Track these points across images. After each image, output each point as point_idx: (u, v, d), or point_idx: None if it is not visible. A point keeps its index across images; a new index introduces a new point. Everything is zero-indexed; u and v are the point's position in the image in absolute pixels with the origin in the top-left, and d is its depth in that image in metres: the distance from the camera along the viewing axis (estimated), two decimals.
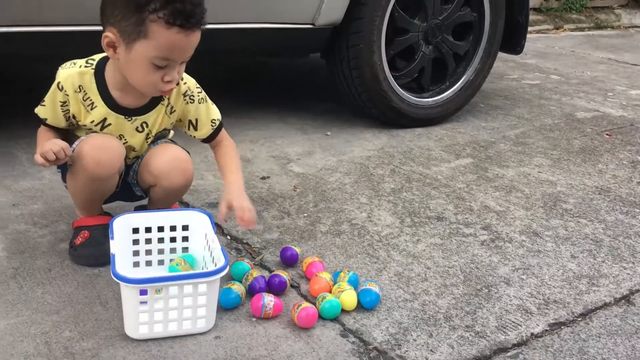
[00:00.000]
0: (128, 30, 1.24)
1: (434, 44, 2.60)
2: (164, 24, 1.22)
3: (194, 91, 1.46)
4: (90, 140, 1.38)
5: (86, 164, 1.35)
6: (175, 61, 1.29)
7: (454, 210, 1.91)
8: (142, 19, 1.22)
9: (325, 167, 2.18)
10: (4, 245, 1.51)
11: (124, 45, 1.27)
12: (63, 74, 1.38)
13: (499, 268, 1.59)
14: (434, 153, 2.39)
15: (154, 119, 1.44)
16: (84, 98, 1.38)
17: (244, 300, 1.36)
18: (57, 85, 1.37)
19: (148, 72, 1.28)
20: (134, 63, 1.28)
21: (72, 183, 1.43)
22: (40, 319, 1.25)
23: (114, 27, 1.26)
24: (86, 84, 1.37)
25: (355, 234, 1.72)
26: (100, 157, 1.35)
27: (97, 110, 1.39)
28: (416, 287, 1.49)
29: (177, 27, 1.23)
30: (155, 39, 1.24)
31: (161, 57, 1.26)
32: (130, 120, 1.41)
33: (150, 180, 1.48)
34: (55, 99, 1.39)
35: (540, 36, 5.43)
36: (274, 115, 2.67)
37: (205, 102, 1.49)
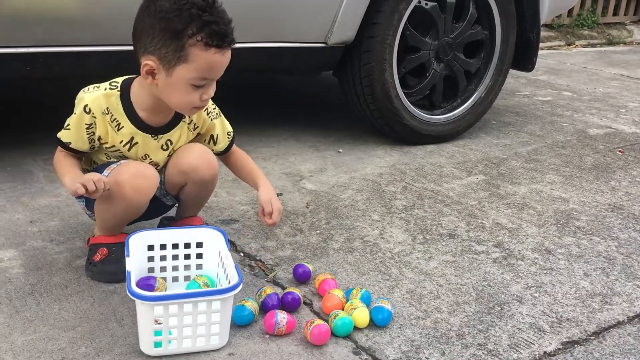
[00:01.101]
0: (168, 57, 1.29)
1: (445, 62, 2.62)
2: (202, 47, 1.28)
3: (211, 109, 1.54)
4: (126, 169, 1.41)
5: (125, 193, 1.38)
6: (212, 80, 1.36)
7: (466, 228, 1.91)
8: (182, 44, 1.28)
9: (337, 184, 2.19)
10: (21, 262, 1.54)
11: (165, 71, 1.32)
12: (89, 97, 1.41)
13: (512, 286, 1.59)
14: (446, 170, 2.40)
15: (178, 136, 1.50)
16: (111, 119, 1.42)
17: (257, 317, 1.37)
18: (84, 108, 1.40)
19: (187, 93, 1.34)
20: (175, 86, 1.33)
21: (104, 209, 1.45)
22: (57, 335, 1.27)
23: (153, 55, 1.30)
24: (112, 105, 1.42)
25: (367, 251, 1.73)
26: (139, 185, 1.39)
27: (125, 131, 1.43)
28: (428, 304, 1.49)
29: (214, 48, 1.29)
30: (195, 62, 1.29)
31: (201, 77, 1.32)
32: (156, 138, 1.47)
33: (180, 180, 1.52)
34: (81, 122, 1.41)
35: (552, 52, 5.44)
36: (286, 133, 2.70)
37: (220, 117, 1.57)
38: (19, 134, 2.42)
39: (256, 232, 1.79)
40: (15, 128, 2.53)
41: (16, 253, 1.58)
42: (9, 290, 1.42)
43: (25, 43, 1.85)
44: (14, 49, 1.85)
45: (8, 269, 1.50)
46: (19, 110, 2.83)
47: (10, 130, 2.50)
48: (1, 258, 1.55)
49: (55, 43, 1.89)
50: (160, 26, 1.28)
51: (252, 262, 1.64)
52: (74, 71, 1.98)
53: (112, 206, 1.42)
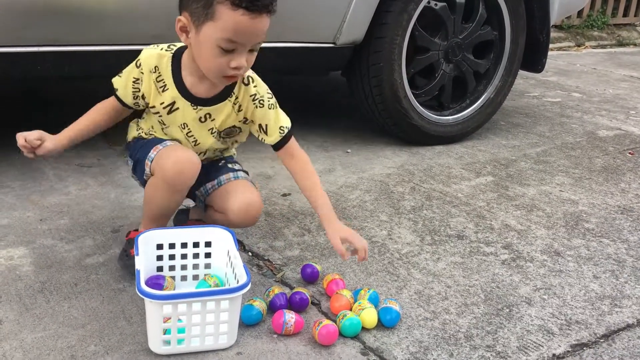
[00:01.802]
0: (197, 13, 1.28)
1: (454, 63, 2.61)
2: (230, 5, 1.25)
3: (264, 95, 1.48)
4: (169, 152, 1.42)
5: (168, 177, 1.39)
6: (243, 45, 1.30)
7: (475, 229, 1.91)
8: (211, 1, 1.26)
9: (345, 184, 2.19)
10: (31, 260, 1.55)
11: (194, 28, 1.31)
12: (144, 53, 1.44)
13: (520, 288, 1.59)
14: (454, 171, 2.39)
15: (220, 112, 1.46)
16: (157, 79, 1.43)
17: (265, 317, 1.37)
18: (136, 62, 1.44)
19: (215, 55, 1.30)
20: (202, 46, 1.31)
21: (150, 193, 1.46)
22: (67, 333, 1.28)
23: (186, 10, 1.31)
24: (163, 66, 1.43)
25: (375, 251, 1.73)
26: (181, 169, 1.39)
27: (168, 93, 1.44)
28: (436, 305, 1.49)
29: (242, 9, 1.25)
30: (222, 20, 1.26)
31: (227, 38, 1.28)
32: (195, 108, 1.45)
33: (219, 213, 1.53)
34: (130, 75, 1.45)
35: (562, 53, 5.42)
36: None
37: (275, 109, 1.50)
38: None
39: (264, 232, 1.79)
40: (25, 127, 2.54)
41: (26, 251, 1.59)
42: (19, 287, 1.43)
43: (34, 42, 1.86)
44: (24, 48, 1.86)
45: (18, 267, 1.51)
46: (29, 109, 2.85)
47: (21, 128, 2.51)
48: (11, 256, 1.56)
49: (65, 42, 1.90)
50: None
51: (260, 261, 1.64)
52: (83, 71, 1.99)
53: (157, 192, 1.43)
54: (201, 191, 1.58)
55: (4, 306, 1.35)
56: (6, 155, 2.19)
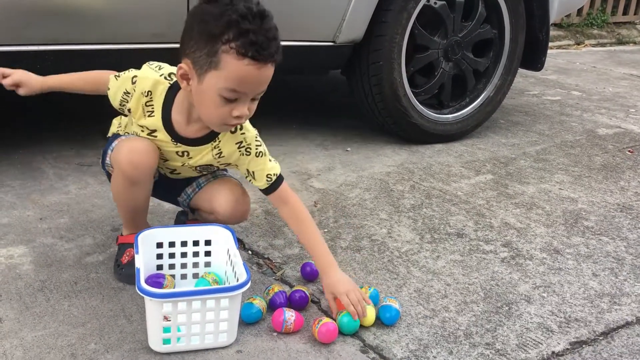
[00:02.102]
0: (201, 61, 1.24)
1: (454, 61, 2.61)
2: (235, 55, 1.20)
3: (251, 143, 1.43)
4: (125, 144, 1.40)
5: (123, 169, 1.37)
6: (246, 94, 1.27)
7: (474, 227, 1.91)
8: (215, 49, 1.21)
9: (345, 182, 2.19)
10: (31, 258, 1.55)
11: (197, 77, 1.26)
12: (144, 73, 1.40)
13: (520, 285, 1.59)
14: (454, 169, 2.40)
15: (197, 153, 1.44)
16: (147, 103, 1.40)
17: (265, 315, 1.37)
18: (133, 77, 1.39)
19: (217, 105, 1.27)
20: (205, 95, 1.27)
21: (114, 187, 1.46)
22: (67, 331, 1.28)
23: (188, 58, 1.26)
24: (157, 94, 1.39)
25: (375, 249, 1.73)
26: (135, 159, 1.37)
27: (152, 121, 1.40)
28: (436, 303, 1.49)
29: (248, 59, 1.21)
30: (226, 69, 1.22)
31: (230, 88, 1.24)
32: (175, 144, 1.42)
33: (207, 213, 1.54)
34: (123, 85, 1.41)
35: (561, 52, 5.42)
36: (293, 131, 2.70)
37: (264, 157, 1.44)
38: (29, 132, 2.44)
39: (264, 230, 1.80)
40: (26, 126, 2.55)
41: (26, 250, 1.59)
42: (19, 286, 1.43)
43: (35, 41, 1.86)
44: (25, 47, 1.86)
45: (18, 266, 1.52)
46: (29, 108, 2.85)
47: (21, 128, 2.52)
48: (11, 254, 1.56)
49: (65, 41, 1.90)
50: (199, 28, 1.24)
51: (260, 260, 1.64)
52: (83, 69, 1.99)
53: (118, 186, 1.42)
54: (182, 197, 1.58)
55: (4, 305, 1.36)
56: (6, 155, 2.20)
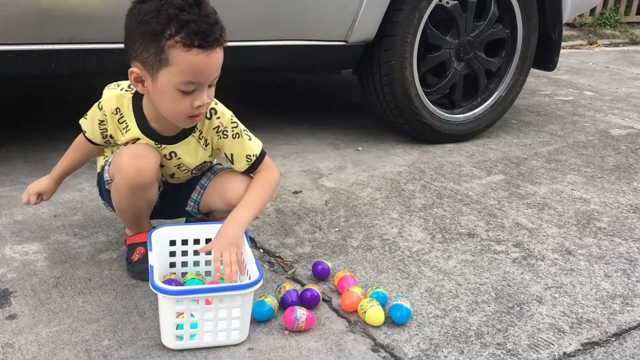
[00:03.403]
0: (150, 61, 1.24)
1: (466, 61, 2.61)
2: (182, 47, 1.21)
3: (227, 126, 1.44)
4: (125, 151, 1.39)
5: (126, 175, 1.36)
6: (202, 84, 1.27)
7: (485, 227, 1.91)
8: (162, 46, 1.21)
9: (356, 182, 2.20)
10: (46, 255, 1.57)
11: (150, 77, 1.27)
12: (105, 95, 1.42)
13: (531, 286, 1.59)
14: (465, 169, 2.39)
15: (184, 150, 1.44)
16: (119, 120, 1.42)
17: (277, 313, 1.38)
18: (98, 105, 1.43)
19: (176, 100, 1.27)
20: (162, 93, 1.28)
21: (116, 198, 1.45)
22: (81, 327, 1.29)
23: (137, 60, 1.26)
24: (124, 107, 1.40)
25: (386, 249, 1.73)
26: (139, 165, 1.36)
27: (131, 134, 1.41)
28: (447, 303, 1.49)
29: (196, 49, 1.21)
30: (177, 64, 1.22)
31: (186, 81, 1.24)
32: (159, 147, 1.42)
33: (223, 209, 1.50)
34: (94, 117, 1.44)
35: (574, 52, 5.39)
36: (305, 131, 2.71)
37: (240, 137, 1.46)
38: (43, 130, 2.46)
39: (276, 229, 1.80)
40: (41, 124, 2.58)
41: (41, 246, 1.61)
42: (34, 282, 1.45)
43: (49, 40, 1.88)
44: (39, 46, 1.88)
45: (33, 262, 1.53)
46: (44, 107, 2.88)
47: (36, 126, 2.55)
48: (26, 251, 1.58)
49: (79, 40, 1.91)
50: (140, 30, 1.23)
51: (272, 258, 1.65)
52: (97, 69, 2.01)
53: (121, 193, 1.41)
54: (190, 205, 1.57)
55: (19, 301, 1.37)
56: (21, 152, 2.22)
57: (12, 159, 2.17)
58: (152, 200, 1.47)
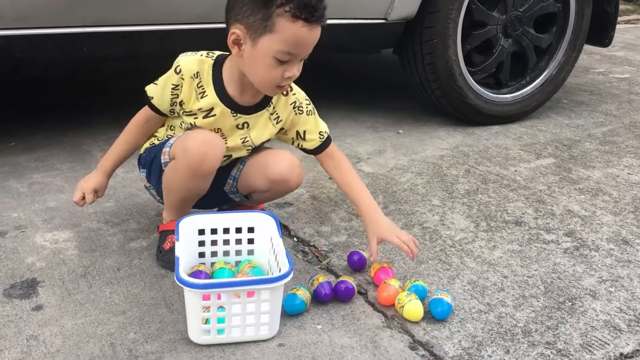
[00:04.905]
0: (255, 26, 1.26)
1: (513, 37, 2.47)
2: (290, 18, 1.24)
3: (302, 102, 1.47)
4: (195, 135, 1.38)
5: (191, 160, 1.34)
6: (297, 56, 1.29)
7: (534, 215, 1.79)
8: (269, 13, 1.24)
9: (396, 166, 2.10)
10: (76, 243, 1.54)
11: (250, 41, 1.28)
12: (184, 60, 1.40)
13: (584, 279, 1.47)
14: (513, 152, 2.27)
15: (256, 121, 1.44)
16: (197, 85, 1.40)
17: (309, 307, 1.31)
18: (175, 68, 1.40)
19: (271, 67, 1.29)
20: (258, 58, 1.29)
21: (170, 178, 1.41)
22: (107, 320, 1.26)
23: (241, 23, 1.28)
24: (204, 72, 1.40)
25: (426, 238, 1.64)
26: (207, 151, 1.35)
27: (206, 100, 1.40)
28: (492, 297, 1.39)
29: (302, 21, 1.24)
30: (281, 33, 1.25)
31: (285, 51, 1.27)
32: (234, 115, 1.42)
33: (264, 187, 1.49)
34: (168, 81, 1.41)
35: (629, 27, 5.11)
36: (343, 113, 2.62)
37: (314, 115, 1.49)
38: (78, 115, 2.45)
39: (310, 217, 1.73)
40: (75, 109, 2.56)
41: (71, 234, 1.58)
42: (63, 272, 1.42)
43: (80, 23, 1.84)
44: (70, 29, 1.84)
45: (63, 250, 1.51)
46: (80, 92, 2.87)
47: (70, 111, 2.54)
48: (57, 239, 1.56)
49: (110, 23, 1.87)
50: None
51: (306, 247, 1.58)
52: (127, 52, 1.97)
53: (178, 175, 1.38)
54: (229, 183, 1.52)
55: (47, 291, 1.34)
56: (57, 138, 2.21)
57: (48, 145, 2.16)
58: (205, 190, 1.43)
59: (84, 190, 1.51)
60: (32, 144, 2.17)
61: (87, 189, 1.51)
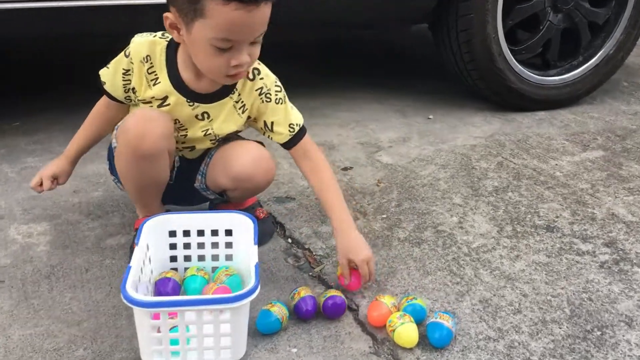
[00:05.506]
0: (185, 9, 1.09)
1: (564, 12, 2.19)
2: (219, 0, 1.05)
3: (271, 89, 1.28)
4: (135, 112, 1.24)
5: (130, 138, 1.20)
6: (240, 42, 1.11)
7: (570, 219, 1.56)
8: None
9: (419, 157, 1.89)
10: (50, 238, 1.42)
11: (184, 26, 1.12)
12: (135, 41, 1.25)
13: (620, 302, 1.25)
14: (556, 143, 2.01)
15: (218, 111, 1.27)
16: (148, 70, 1.24)
17: (286, 325, 1.14)
18: (125, 51, 1.25)
19: (211, 55, 1.12)
20: (197, 46, 1.13)
21: (118, 167, 1.29)
22: (58, 331, 1.13)
23: (173, 6, 1.12)
24: (156, 55, 1.23)
25: (439, 243, 1.44)
26: (143, 129, 1.19)
27: (160, 87, 1.24)
28: (505, 321, 1.19)
29: (235, 3, 1.05)
30: (212, 17, 1.07)
31: (221, 38, 1.09)
32: (191, 105, 1.25)
33: (229, 185, 1.34)
34: (119, 66, 1.27)
35: None
36: (369, 95, 2.41)
37: (284, 104, 1.30)
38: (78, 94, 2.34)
39: (312, 214, 1.56)
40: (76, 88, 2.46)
41: (48, 227, 1.47)
42: (26, 272, 1.30)
43: None
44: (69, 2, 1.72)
45: (33, 246, 1.39)
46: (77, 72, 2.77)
47: (72, 90, 2.43)
48: (31, 232, 1.45)
49: None
50: None
51: (299, 250, 1.41)
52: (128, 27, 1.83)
53: (123, 160, 1.25)
54: (198, 179, 1.37)
55: (4, 293, 1.23)
56: (61, 118, 2.10)
57: (50, 126, 2.06)
58: (160, 176, 1.28)
59: (42, 176, 1.38)
60: (37, 124, 2.08)
61: (45, 175, 1.38)
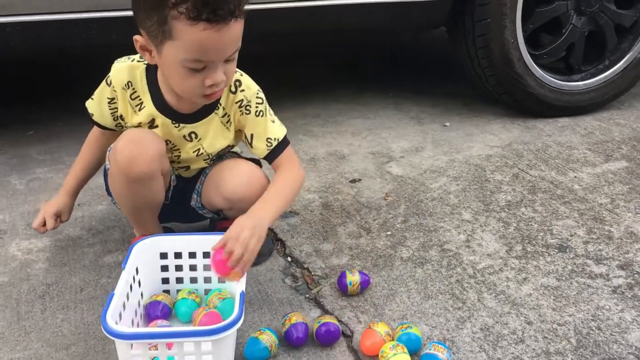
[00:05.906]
0: (153, 32, 1.07)
1: (588, 15, 2.10)
2: (187, 20, 1.02)
3: (251, 101, 1.24)
4: (125, 134, 1.22)
5: (120, 162, 1.18)
6: (213, 62, 1.08)
7: (585, 237, 1.48)
8: (164, 16, 1.03)
9: (431, 168, 1.84)
10: (49, 255, 1.42)
11: (155, 49, 1.10)
12: (114, 68, 1.24)
13: (631, 331, 1.18)
14: (577, 153, 1.93)
15: (205, 130, 1.25)
16: (132, 96, 1.23)
17: (275, 353, 1.11)
18: (106, 80, 1.24)
19: (184, 76, 1.09)
20: (168, 68, 1.11)
21: (112, 187, 1.28)
22: (47, 356, 1.12)
23: (142, 28, 1.10)
24: (137, 80, 1.22)
25: (443, 264, 1.39)
26: (133, 152, 1.17)
27: (145, 111, 1.23)
28: (505, 351, 1.14)
29: (203, 23, 1.02)
30: (181, 39, 1.04)
31: (192, 59, 1.06)
32: (177, 126, 1.23)
33: (223, 205, 1.31)
34: (102, 95, 1.25)
35: None
36: (386, 101, 2.36)
37: (264, 116, 1.26)
38: None
39: (314, 230, 1.52)
40: None
41: (48, 243, 1.47)
42: (22, 291, 1.30)
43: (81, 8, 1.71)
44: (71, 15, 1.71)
45: (32, 263, 1.39)
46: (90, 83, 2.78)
47: None
48: (31, 249, 1.45)
49: (111, 7, 1.72)
50: None
51: (298, 270, 1.38)
52: None
53: (116, 182, 1.24)
54: (194, 198, 1.35)
55: None
56: (72, 127, 2.11)
57: (62, 135, 2.07)
58: (154, 198, 1.27)
59: (45, 215, 1.37)
60: (51, 132, 2.09)
61: (48, 214, 1.36)
